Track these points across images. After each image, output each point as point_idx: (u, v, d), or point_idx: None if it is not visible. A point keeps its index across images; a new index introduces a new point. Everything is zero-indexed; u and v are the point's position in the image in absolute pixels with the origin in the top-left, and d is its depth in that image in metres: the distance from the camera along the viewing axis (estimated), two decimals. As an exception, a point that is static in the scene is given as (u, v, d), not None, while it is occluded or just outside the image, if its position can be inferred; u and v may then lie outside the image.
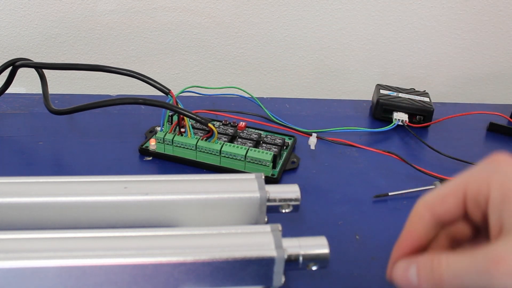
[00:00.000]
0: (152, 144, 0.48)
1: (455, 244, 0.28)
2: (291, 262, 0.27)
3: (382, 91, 0.63)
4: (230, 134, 0.49)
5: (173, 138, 0.46)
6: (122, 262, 0.25)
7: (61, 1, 0.65)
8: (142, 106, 0.57)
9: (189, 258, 0.25)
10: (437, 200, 0.26)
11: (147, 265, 0.25)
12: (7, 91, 0.52)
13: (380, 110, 0.60)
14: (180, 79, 0.74)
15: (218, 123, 0.52)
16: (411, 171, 0.48)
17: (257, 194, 0.31)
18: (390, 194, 0.45)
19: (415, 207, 0.27)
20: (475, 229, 0.27)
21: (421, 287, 0.24)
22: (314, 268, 0.28)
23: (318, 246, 0.28)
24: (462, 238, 0.27)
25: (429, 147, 0.54)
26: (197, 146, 0.46)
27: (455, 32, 0.76)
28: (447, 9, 0.74)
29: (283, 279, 0.27)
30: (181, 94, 0.50)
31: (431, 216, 0.26)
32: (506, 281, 0.21)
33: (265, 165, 0.45)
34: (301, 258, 0.27)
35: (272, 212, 0.31)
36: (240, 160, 0.45)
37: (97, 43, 0.69)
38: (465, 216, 0.26)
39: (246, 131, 0.50)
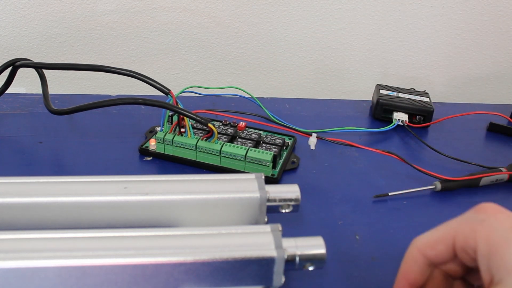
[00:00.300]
0: (152, 144, 0.48)
1: (450, 278, 0.28)
2: (288, 262, 0.27)
3: (382, 91, 0.63)
4: (230, 134, 0.49)
5: (173, 138, 0.46)
6: (122, 262, 0.25)
7: (61, 1, 0.65)
8: (142, 106, 0.57)
9: (189, 258, 0.25)
10: (429, 245, 0.27)
11: (147, 265, 0.25)
12: (7, 91, 0.52)
13: (380, 110, 0.60)
14: (180, 79, 0.74)
15: (218, 123, 0.52)
16: (411, 171, 0.48)
17: (257, 194, 0.31)
18: (390, 194, 0.45)
19: (408, 249, 0.28)
20: (467, 267, 0.27)
21: None
22: (310, 268, 0.28)
23: (314, 246, 0.28)
24: (456, 274, 0.28)
25: (429, 147, 0.54)
26: (197, 146, 0.46)
27: (455, 32, 0.76)
28: (447, 9, 0.74)
29: (283, 279, 0.27)
30: (181, 94, 0.50)
31: (424, 258, 0.27)
32: None
33: (265, 165, 0.45)
34: (297, 259, 0.27)
35: (272, 212, 0.31)
36: (240, 160, 0.45)
37: (97, 43, 0.69)
38: (456, 258, 0.27)
39: (246, 131, 0.50)
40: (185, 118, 0.46)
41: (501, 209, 0.26)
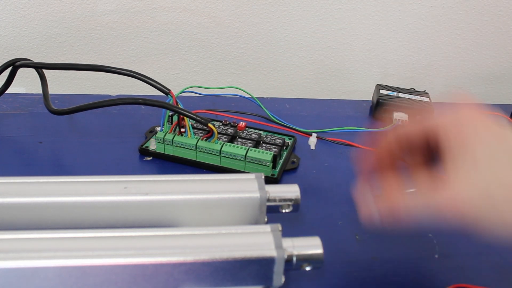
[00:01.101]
0: (152, 144, 0.48)
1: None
2: (285, 262, 0.27)
3: (382, 91, 0.63)
4: (230, 134, 0.49)
5: (173, 138, 0.46)
6: (122, 262, 0.25)
7: (61, 1, 0.65)
8: (142, 106, 0.57)
9: (189, 258, 0.25)
10: (404, 136, 0.33)
11: (147, 265, 0.25)
12: (7, 91, 0.52)
13: (380, 110, 0.60)
14: (180, 79, 0.74)
15: (218, 123, 0.52)
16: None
17: (257, 194, 0.31)
18: (390, 194, 0.45)
19: (385, 138, 0.35)
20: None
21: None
22: (308, 268, 0.28)
23: (312, 246, 0.28)
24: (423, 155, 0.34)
25: (429, 147, 0.53)
26: (197, 146, 0.46)
27: (455, 32, 0.76)
28: (447, 9, 0.74)
29: (283, 279, 0.27)
30: (181, 94, 0.50)
31: (398, 144, 0.34)
32: (457, 210, 0.27)
33: (265, 165, 0.45)
34: (295, 259, 0.27)
35: (272, 212, 0.31)
36: (240, 160, 0.45)
37: (97, 43, 0.69)
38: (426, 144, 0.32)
39: (246, 131, 0.50)
40: (185, 118, 0.46)
41: (478, 118, 0.30)
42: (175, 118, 0.48)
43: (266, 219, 0.31)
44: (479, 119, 0.30)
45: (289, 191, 0.32)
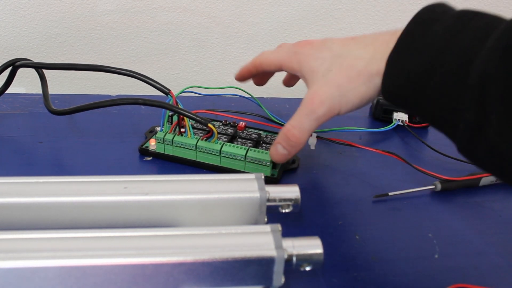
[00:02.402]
0: (152, 144, 0.48)
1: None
2: (285, 262, 0.27)
3: (382, 91, 0.63)
4: (230, 134, 0.49)
5: (173, 138, 0.46)
6: (122, 262, 0.25)
7: (61, 1, 0.65)
8: (142, 106, 0.57)
9: (189, 258, 0.25)
10: (266, 63, 0.45)
11: (147, 265, 0.25)
12: (7, 91, 0.52)
13: (380, 110, 0.60)
14: (180, 79, 0.74)
15: (218, 123, 0.52)
16: (411, 171, 0.48)
17: (257, 194, 0.31)
18: (390, 194, 0.45)
19: (255, 58, 0.47)
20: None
21: (291, 152, 0.41)
22: (307, 268, 0.28)
23: (312, 246, 0.28)
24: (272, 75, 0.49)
25: (429, 147, 0.54)
26: (197, 146, 0.46)
27: (455, 32, 0.76)
28: (447, 9, 0.74)
29: (283, 279, 0.27)
30: (181, 94, 0.50)
31: (261, 66, 0.46)
32: (320, 107, 0.38)
33: (265, 165, 0.45)
34: (294, 259, 0.27)
35: (272, 212, 0.32)
36: (240, 160, 0.45)
37: (97, 43, 0.69)
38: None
39: (246, 131, 0.50)
40: (185, 118, 0.46)
41: (309, 41, 0.42)
42: (175, 118, 0.48)
43: (266, 219, 0.31)
44: (307, 44, 0.41)
45: (289, 191, 0.32)
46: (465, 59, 0.31)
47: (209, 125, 0.45)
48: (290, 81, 0.51)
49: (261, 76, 0.49)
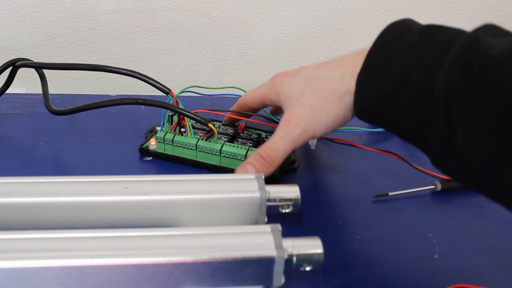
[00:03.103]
0: (152, 144, 0.48)
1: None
2: (285, 262, 0.27)
3: (382, 91, 0.62)
4: (230, 134, 0.49)
5: (173, 138, 0.46)
6: (122, 262, 0.25)
7: (61, 1, 0.65)
8: (142, 106, 0.57)
9: (189, 258, 0.25)
10: (249, 101, 0.47)
11: (147, 265, 0.25)
12: (7, 91, 0.52)
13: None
14: (180, 79, 0.74)
15: (218, 123, 0.52)
16: (411, 171, 0.48)
17: (257, 194, 0.31)
18: (390, 194, 0.45)
19: (239, 99, 0.49)
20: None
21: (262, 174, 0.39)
22: (308, 268, 0.28)
23: (312, 246, 0.28)
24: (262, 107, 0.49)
25: (429, 147, 0.54)
26: (197, 146, 0.46)
27: (455, 32, 0.76)
28: (447, 9, 0.74)
29: (283, 279, 0.27)
30: (181, 94, 0.50)
31: (246, 105, 0.48)
32: (295, 128, 0.39)
33: (265, 165, 0.45)
34: (295, 259, 0.27)
35: (272, 212, 0.32)
36: (240, 160, 0.45)
37: (97, 43, 0.69)
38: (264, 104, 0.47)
39: (246, 131, 0.50)
40: (185, 118, 0.46)
41: (284, 72, 0.45)
42: (175, 118, 0.48)
43: (266, 219, 0.31)
44: (282, 75, 0.44)
45: (289, 191, 0.32)
46: (429, 75, 0.32)
47: (209, 125, 0.45)
48: (277, 111, 0.53)
49: (248, 115, 0.49)
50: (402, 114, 0.34)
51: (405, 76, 0.33)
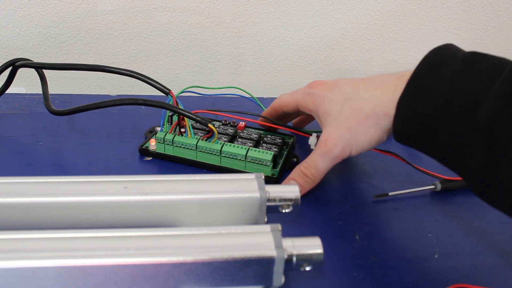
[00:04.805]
0: (152, 144, 0.48)
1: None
2: (285, 262, 0.27)
3: (382, 91, 0.62)
4: (230, 134, 0.49)
5: (173, 138, 0.46)
6: (122, 262, 0.25)
7: (61, 1, 0.65)
8: (142, 106, 0.57)
9: (189, 258, 0.25)
10: (284, 105, 0.48)
11: (147, 265, 0.25)
12: (7, 91, 0.52)
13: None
14: (180, 79, 0.74)
15: (218, 123, 0.52)
16: (411, 171, 0.48)
17: (257, 194, 0.31)
18: (390, 194, 0.45)
19: (274, 102, 0.49)
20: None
21: (304, 189, 0.42)
22: (308, 268, 0.28)
23: (312, 246, 0.28)
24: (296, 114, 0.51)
25: (429, 147, 0.54)
26: (197, 146, 0.46)
27: (455, 32, 0.76)
28: (447, 9, 0.74)
29: (283, 279, 0.27)
30: (181, 94, 0.50)
31: (281, 109, 0.48)
32: (334, 149, 0.40)
33: (265, 165, 0.45)
34: (295, 259, 0.27)
35: (272, 212, 0.32)
36: (240, 160, 0.45)
37: (97, 43, 0.69)
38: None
39: (246, 131, 0.50)
40: (185, 118, 0.46)
41: (321, 82, 0.45)
42: (175, 118, 0.48)
43: (266, 219, 0.31)
44: (320, 85, 0.44)
45: (289, 191, 0.32)
46: (472, 104, 0.32)
47: (209, 125, 0.45)
48: (303, 123, 0.53)
49: (281, 118, 0.50)
50: (442, 140, 0.34)
51: (448, 102, 0.33)
